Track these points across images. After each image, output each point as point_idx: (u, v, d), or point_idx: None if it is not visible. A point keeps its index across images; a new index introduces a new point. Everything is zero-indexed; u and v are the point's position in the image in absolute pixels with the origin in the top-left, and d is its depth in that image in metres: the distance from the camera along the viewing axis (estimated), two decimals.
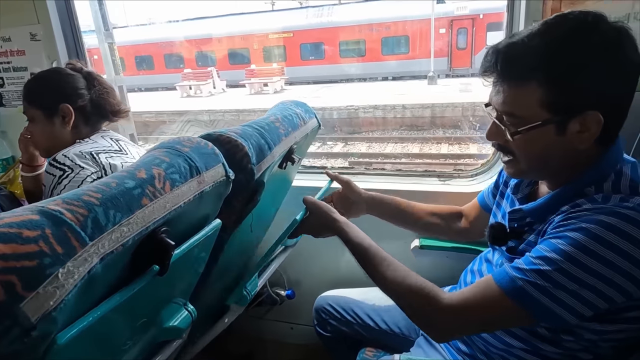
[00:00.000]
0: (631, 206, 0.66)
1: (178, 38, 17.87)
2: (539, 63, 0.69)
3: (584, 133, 0.70)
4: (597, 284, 0.64)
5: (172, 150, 0.69)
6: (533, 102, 0.70)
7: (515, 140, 0.75)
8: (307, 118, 1.20)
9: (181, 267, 0.76)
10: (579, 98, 0.69)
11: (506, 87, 0.72)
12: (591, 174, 0.74)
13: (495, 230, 0.87)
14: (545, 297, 0.66)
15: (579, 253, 0.65)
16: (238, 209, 0.94)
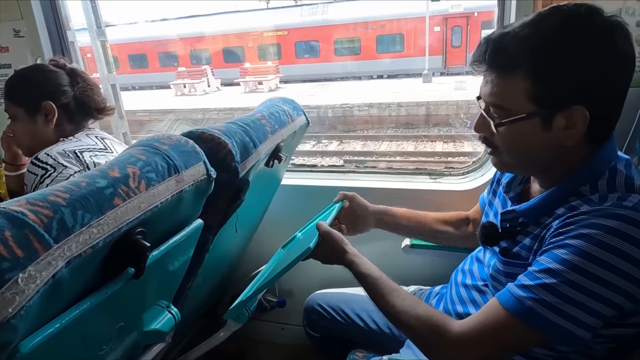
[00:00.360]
0: (630, 206, 0.64)
1: (172, 36, 17.77)
2: (527, 53, 0.67)
3: (570, 129, 0.68)
4: (605, 292, 0.61)
5: (149, 148, 0.67)
6: (519, 94, 0.69)
7: (500, 133, 0.73)
8: (295, 115, 1.18)
9: (161, 269, 0.74)
10: (565, 92, 0.67)
11: (494, 77, 0.71)
12: (584, 173, 0.71)
13: (487, 230, 0.85)
14: (555, 315, 0.63)
15: (583, 261, 0.62)
16: (222, 209, 0.92)
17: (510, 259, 0.79)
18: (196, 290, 1.07)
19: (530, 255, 0.75)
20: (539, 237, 0.73)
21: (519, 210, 0.79)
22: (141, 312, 0.78)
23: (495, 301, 0.70)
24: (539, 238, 0.73)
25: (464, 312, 0.90)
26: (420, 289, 1.21)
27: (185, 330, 1.37)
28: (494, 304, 0.70)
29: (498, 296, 0.70)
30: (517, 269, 0.74)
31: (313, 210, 1.49)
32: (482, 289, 0.90)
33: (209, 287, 1.24)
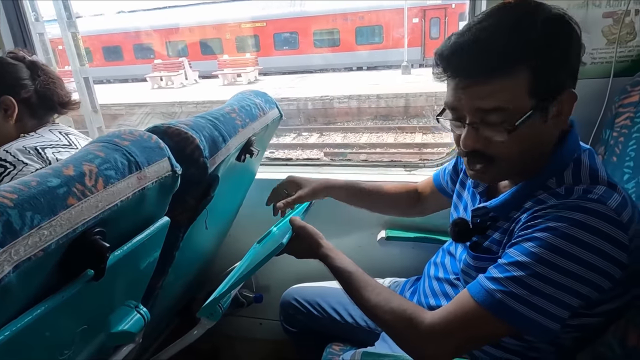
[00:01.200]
0: (595, 198, 0.65)
1: (147, 28, 17.34)
2: (518, 42, 0.63)
3: (560, 115, 0.68)
4: (572, 283, 0.62)
5: (108, 144, 0.64)
6: (521, 91, 0.65)
7: (507, 139, 0.67)
8: (267, 108, 1.15)
9: (126, 269, 0.72)
10: (561, 78, 0.67)
11: (488, 81, 0.65)
12: (552, 166, 0.72)
13: (459, 226, 0.85)
14: (524, 307, 0.63)
15: (551, 254, 0.63)
16: (192, 205, 0.90)
17: (480, 253, 0.79)
18: (168, 288, 1.05)
19: (500, 249, 0.75)
20: (508, 231, 0.74)
21: (490, 207, 0.79)
22: (107, 313, 0.76)
23: (465, 293, 0.71)
24: (509, 232, 0.73)
25: (437, 305, 0.91)
26: (396, 281, 1.21)
27: (160, 329, 1.35)
28: (464, 296, 0.71)
29: (469, 288, 0.71)
30: (487, 263, 0.74)
31: None
32: (454, 282, 0.91)
33: (182, 285, 1.22)
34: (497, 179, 0.79)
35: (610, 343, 0.67)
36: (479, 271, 0.76)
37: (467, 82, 0.67)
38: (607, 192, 0.65)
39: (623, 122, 0.96)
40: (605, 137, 1.01)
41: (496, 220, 0.79)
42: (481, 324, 0.68)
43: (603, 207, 0.63)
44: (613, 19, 1.02)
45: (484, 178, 0.76)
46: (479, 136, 0.69)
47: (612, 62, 1.05)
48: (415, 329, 0.72)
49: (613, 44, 1.04)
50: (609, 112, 1.02)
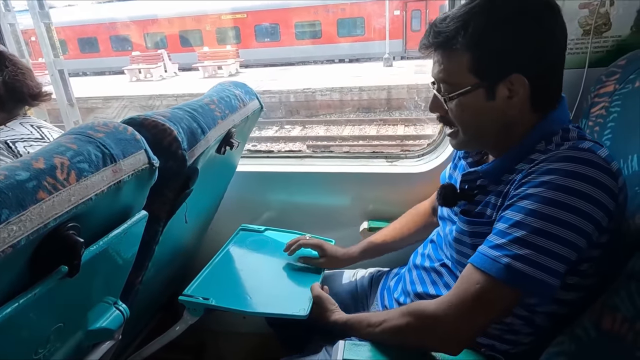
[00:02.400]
0: (586, 148, 0.67)
1: (125, 19, 16.89)
2: (462, 29, 0.72)
3: (512, 98, 0.73)
4: (571, 236, 0.63)
5: (81, 136, 0.62)
6: (462, 68, 0.74)
7: (451, 108, 0.77)
8: (247, 100, 1.14)
9: (103, 264, 0.70)
10: (500, 62, 0.72)
11: (440, 56, 0.76)
12: (535, 134, 0.75)
13: (446, 189, 0.87)
14: (530, 268, 0.64)
15: (548, 207, 0.64)
16: (170, 199, 0.88)
17: (474, 217, 0.80)
18: (148, 283, 1.03)
19: (494, 213, 0.76)
20: (502, 193, 0.75)
21: (480, 171, 0.81)
22: (84, 310, 0.74)
23: (470, 267, 0.71)
24: (503, 194, 0.75)
25: (424, 292, 0.92)
26: (379, 271, 1.22)
27: (141, 325, 1.33)
28: (470, 270, 0.71)
29: (472, 261, 0.71)
30: (481, 227, 0.77)
31: (271, 196, 1.47)
32: (438, 270, 0.92)
33: (163, 279, 1.20)
34: (462, 145, 0.85)
35: (586, 326, 0.68)
36: (473, 236, 0.78)
37: (433, 55, 0.79)
38: (595, 145, 0.69)
39: (598, 112, 0.98)
40: (581, 127, 1.03)
41: (484, 187, 0.81)
42: (492, 294, 0.68)
43: (594, 155, 0.65)
44: (589, 9, 1.04)
45: (453, 143, 0.85)
46: (437, 102, 0.80)
47: (587, 53, 1.06)
48: (426, 313, 0.74)
49: (589, 34, 1.05)
50: (585, 102, 1.04)
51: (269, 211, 1.48)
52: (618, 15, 1.04)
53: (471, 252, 0.79)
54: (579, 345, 0.68)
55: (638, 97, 0.88)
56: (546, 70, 0.74)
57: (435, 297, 0.88)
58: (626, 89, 0.92)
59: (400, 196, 1.29)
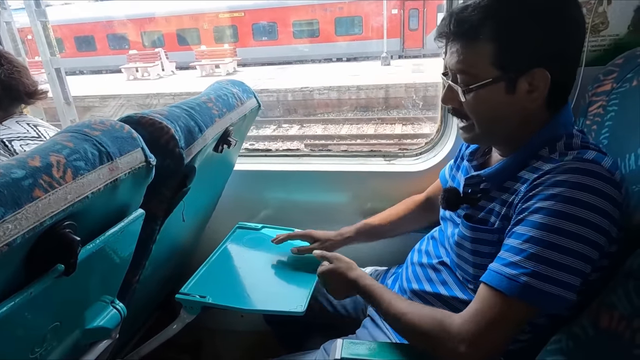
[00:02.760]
0: (590, 159, 0.67)
1: (122, 17, 16.82)
2: (488, 19, 0.70)
3: (533, 92, 0.72)
4: (584, 248, 0.63)
5: (78, 134, 0.61)
6: (484, 60, 0.72)
7: (468, 100, 0.75)
8: (244, 98, 1.13)
9: (100, 263, 0.70)
10: (526, 55, 0.70)
11: (459, 46, 0.74)
12: (543, 134, 0.75)
13: (450, 193, 0.87)
14: (548, 285, 0.63)
15: (560, 221, 0.63)
16: (168, 197, 0.88)
17: (476, 224, 0.80)
18: (146, 282, 1.03)
19: (497, 221, 0.76)
20: (507, 203, 0.75)
21: (483, 175, 0.81)
22: (81, 309, 0.74)
23: (485, 287, 0.69)
24: (507, 203, 0.74)
25: (419, 289, 0.92)
26: (376, 270, 1.22)
27: (139, 324, 1.33)
28: (486, 291, 0.69)
29: (487, 281, 0.69)
30: (484, 234, 0.77)
31: (269, 195, 1.47)
32: (436, 267, 0.92)
33: (160, 278, 1.20)
34: (476, 139, 0.83)
35: (584, 324, 0.68)
36: (474, 242, 0.78)
37: (450, 45, 0.76)
38: (598, 155, 0.68)
39: (596, 111, 0.98)
40: (579, 125, 1.03)
41: (488, 192, 0.80)
42: (511, 313, 0.66)
43: (598, 166, 0.65)
44: (586, 8, 1.04)
45: (465, 136, 0.82)
46: (452, 94, 0.78)
47: (585, 51, 1.06)
48: (447, 331, 0.71)
49: (586, 33, 1.05)
50: (582, 101, 1.04)
51: (266, 209, 1.48)
52: (615, 14, 1.04)
53: (471, 257, 0.79)
54: (576, 343, 0.68)
55: (635, 95, 0.89)
56: (567, 65, 0.74)
57: (431, 294, 0.89)
58: (624, 88, 0.92)
59: (398, 195, 1.29)
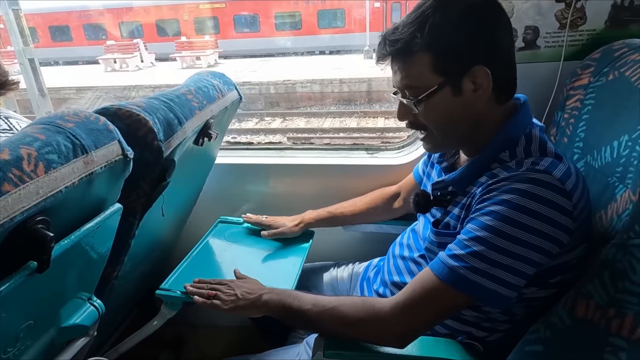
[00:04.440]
0: (542, 169, 0.69)
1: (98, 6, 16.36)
2: (417, 32, 0.73)
3: (478, 90, 0.74)
4: (527, 252, 0.67)
5: (50, 126, 0.59)
6: (425, 70, 0.74)
7: (421, 111, 0.78)
8: (225, 90, 1.11)
9: (75, 259, 0.68)
10: (461, 56, 0.73)
11: (400, 64, 0.77)
12: (501, 138, 0.77)
13: (419, 197, 0.89)
14: (485, 280, 0.68)
15: (505, 225, 0.67)
16: (147, 191, 0.85)
17: (441, 229, 0.83)
18: (125, 278, 1.01)
19: (458, 225, 0.79)
20: (465, 206, 0.78)
21: (447, 180, 0.84)
22: (57, 307, 0.72)
23: (427, 271, 0.74)
24: (466, 206, 0.77)
25: (401, 281, 0.93)
26: (359, 263, 1.22)
27: (118, 321, 1.30)
28: (426, 274, 0.74)
29: (431, 266, 0.73)
30: (447, 239, 0.78)
31: (251, 188, 1.45)
32: (417, 260, 0.93)
33: (140, 274, 1.18)
34: (438, 147, 0.87)
35: (560, 314, 0.70)
36: (441, 247, 0.79)
37: (392, 65, 0.79)
38: (553, 163, 0.70)
39: (573, 105, 0.99)
40: (557, 119, 1.05)
41: (455, 195, 0.82)
42: (444, 299, 0.71)
43: (549, 177, 0.68)
44: (565, 3, 1.05)
45: (427, 147, 0.86)
46: (405, 109, 0.81)
47: (564, 46, 1.08)
48: (379, 313, 0.75)
49: (564, 28, 1.07)
50: (560, 95, 1.06)
51: (248, 203, 1.47)
52: (593, 9, 1.06)
53: None
54: (554, 332, 0.69)
55: (611, 89, 0.90)
56: (504, 58, 0.76)
57: None
58: (600, 82, 0.94)
59: (380, 187, 1.29)
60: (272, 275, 1.10)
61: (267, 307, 0.86)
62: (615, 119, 0.84)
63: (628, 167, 0.77)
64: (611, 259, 0.65)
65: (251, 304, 0.87)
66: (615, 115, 0.85)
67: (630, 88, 0.83)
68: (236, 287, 0.91)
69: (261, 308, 0.87)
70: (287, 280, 1.06)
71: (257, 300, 0.87)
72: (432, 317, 0.74)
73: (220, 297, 0.89)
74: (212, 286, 0.93)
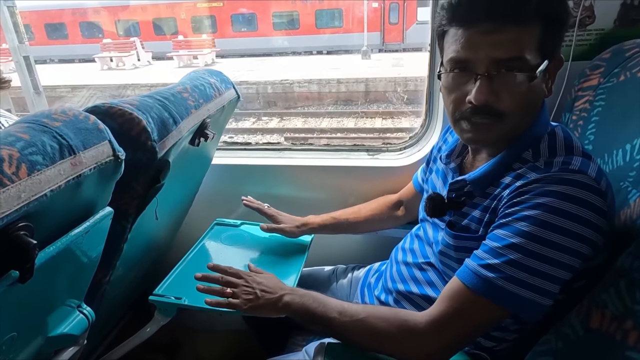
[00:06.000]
0: (576, 169, 0.65)
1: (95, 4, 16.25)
2: (543, 5, 0.65)
3: (549, 79, 0.72)
4: (565, 257, 0.63)
5: (35, 125, 0.55)
6: (533, 45, 0.66)
7: (522, 90, 0.67)
8: (223, 88, 1.08)
9: (63, 266, 0.64)
10: (558, 43, 0.69)
11: (508, 29, 0.65)
12: (528, 137, 0.72)
13: (435, 201, 0.83)
14: (525, 290, 0.63)
15: (543, 230, 0.63)
16: (140, 193, 0.82)
17: (459, 232, 0.77)
18: (117, 283, 0.97)
19: (481, 228, 0.74)
20: (489, 209, 0.72)
21: (468, 180, 0.78)
22: (43, 316, 0.68)
23: (459, 283, 0.68)
24: (490, 210, 0.72)
25: (405, 290, 0.89)
26: (358, 267, 1.19)
27: (110, 326, 1.26)
28: (459, 287, 0.68)
29: (462, 278, 0.68)
30: (467, 242, 0.74)
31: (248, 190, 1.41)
32: (423, 267, 0.89)
33: (134, 277, 1.14)
34: (497, 139, 0.74)
35: (573, 324, 0.67)
36: (459, 250, 0.75)
37: (486, 28, 0.65)
38: (584, 162, 0.66)
39: (582, 106, 0.96)
40: (564, 120, 1.02)
41: (472, 196, 0.78)
42: (482, 313, 0.66)
43: (585, 177, 0.64)
44: (574, 2, 1.02)
45: (487, 137, 0.73)
46: (492, 88, 0.67)
47: (572, 46, 1.05)
48: (413, 329, 0.69)
49: (573, 27, 1.04)
50: (568, 95, 1.03)
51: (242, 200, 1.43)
52: (602, 8, 1.03)
53: (456, 265, 0.76)
54: (566, 344, 0.66)
55: (623, 90, 0.87)
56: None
57: (418, 296, 0.86)
58: (611, 83, 0.91)
59: (382, 190, 1.26)
60: None
61: (289, 309, 0.81)
62: (627, 121, 0.81)
63: None
64: (628, 268, 0.62)
65: (272, 305, 0.82)
66: (627, 117, 0.82)
67: None
68: (255, 283, 0.85)
69: (282, 309, 0.81)
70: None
71: (279, 300, 0.82)
72: (470, 334, 0.68)
73: (238, 295, 0.83)
74: (227, 279, 0.86)
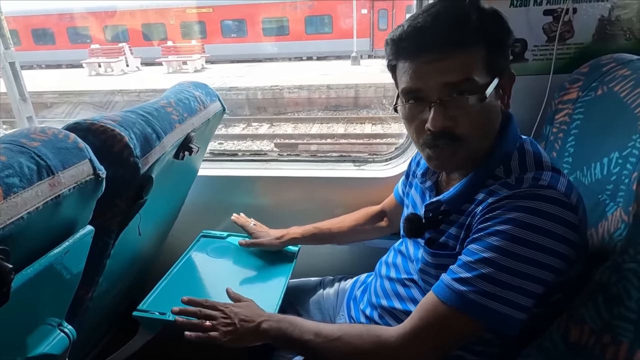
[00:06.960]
0: (546, 185, 0.66)
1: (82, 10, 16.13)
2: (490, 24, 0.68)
3: (504, 96, 0.73)
4: (537, 272, 0.63)
5: (13, 145, 0.55)
6: (481, 66, 0.68)
7: (475, 112, 0.68)
8: (208, 101, 1.08)
9: (42, 286, 0.63)
10: (505, 60, 0.71)
11: (453, 55, 0.66)
12: (497, 154, 0.73)
13: (412, 222, 0.84)
14: (497, 303, 0.64)
15: (513, 245, 0.64)
16: (123, 209, 0.81)
17: (437, 249, 0.78)
18: (100, 299, 0.96)
19: (457, 245, 0.75)
20: (464, 226, 0.73)
21: (443, 200, 0.79)
22: (22, 336, 0.67)
23: (433, 297, 0.69)
24: (465, 226, 0.73)
25: (389, 306, 0.89)
26: (345, 278, 1.19)
27: (96, 341, 1.24)
28: (432, 301, 0.69)
29: (436, 292, 0.69)
30: (445, 260, 0.75)
31: (235, 201, 1.41)
32: (406, 283, 0.89)
33: (117, 292, 1.13)
34: (462, 162, 0.75)
35: (553, 338, 0.67)
36: (438, 268, 0.76)
37: (432, 58, 0.67)
38: (553, 177, 0.68)
39: (562, 119, 0.98)
40: (545, 133, 1.04)
41: (448, 214, 0.78)
42: (454, 326, 0.67)
43: (554, 192, 0.65)
44: (553, 16, 1.04)
45: (451, 161, 0.74)
46: (447, 114, 0.68)
47: (552, 59, 1.07)
48: (386, 343, 0.71)
49: (553, 41, 1.06)
50: (549, 109, 1.05)
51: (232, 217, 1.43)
52: (580, 22, 1.06)
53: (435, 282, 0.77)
54: (547, 358, 0.67)
55: (600, 105, 0.89)
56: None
57: (401, 312, 0.86)
58: (589, 97, 0.93)
59: (368, 200, 1.27)
60: (257, 293, 1.06)
61: (267, 335, 0.81)
62: (605, 135, 0.83)
63: (619, 185, 0.75)
64: (605, 282, 0.63)
65: (251, 333, 0.82)
66: (604, 131, 0.84)
67: (619, 104, 0.82)
68: (233, 314, 0.85)
69: (261, 336, 0.82)
70: (272, 298, 1.02)
71: (257, 328, 0.82)
72: (442, 347, 0.69)
73: (218, 328, 0.84)
74: (205, 313, 0.87)
